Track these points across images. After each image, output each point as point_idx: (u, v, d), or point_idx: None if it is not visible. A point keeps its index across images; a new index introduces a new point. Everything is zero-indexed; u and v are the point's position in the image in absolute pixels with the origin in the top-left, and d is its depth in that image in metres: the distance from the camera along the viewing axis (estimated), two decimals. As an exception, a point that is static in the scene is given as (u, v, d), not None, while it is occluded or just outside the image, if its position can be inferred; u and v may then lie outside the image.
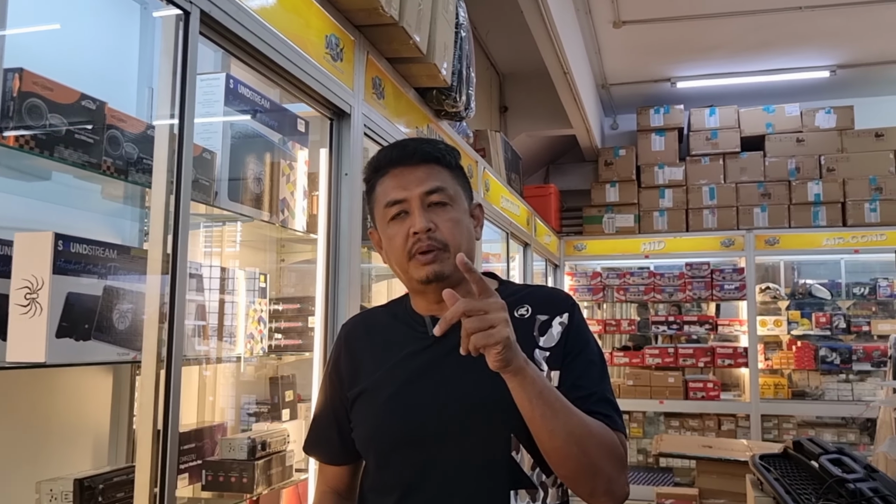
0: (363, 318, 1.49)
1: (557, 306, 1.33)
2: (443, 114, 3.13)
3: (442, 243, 1.27)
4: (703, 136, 7.11)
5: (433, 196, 1.29)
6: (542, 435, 1.14)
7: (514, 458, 1.23)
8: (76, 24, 1.95)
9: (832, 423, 6.40)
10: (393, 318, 1.40)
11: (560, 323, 1.30)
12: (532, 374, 1.12)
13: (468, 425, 1.23)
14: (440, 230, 1.27)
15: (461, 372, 1.25)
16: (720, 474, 4.07)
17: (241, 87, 2.05)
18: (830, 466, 2.14)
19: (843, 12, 5.60)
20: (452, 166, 1.35)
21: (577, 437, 1.14)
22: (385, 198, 1.31)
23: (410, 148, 1.33)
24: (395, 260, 1.31)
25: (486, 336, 1.05)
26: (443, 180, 1.31)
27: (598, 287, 6.98)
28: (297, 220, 2.35)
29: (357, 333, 1.42)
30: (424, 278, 1.27)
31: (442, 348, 1.28)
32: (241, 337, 2.19)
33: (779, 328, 6.61)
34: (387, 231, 1.31)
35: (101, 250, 1.59)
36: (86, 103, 1.55)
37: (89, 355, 1.56)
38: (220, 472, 2.03)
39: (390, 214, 1.30)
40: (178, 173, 1.56)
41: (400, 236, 1.28)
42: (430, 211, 1.28)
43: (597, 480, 1.17)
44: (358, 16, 2.31)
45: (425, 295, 1.33)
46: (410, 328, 1.35)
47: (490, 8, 4.85)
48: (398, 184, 1.30)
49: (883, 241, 6.34)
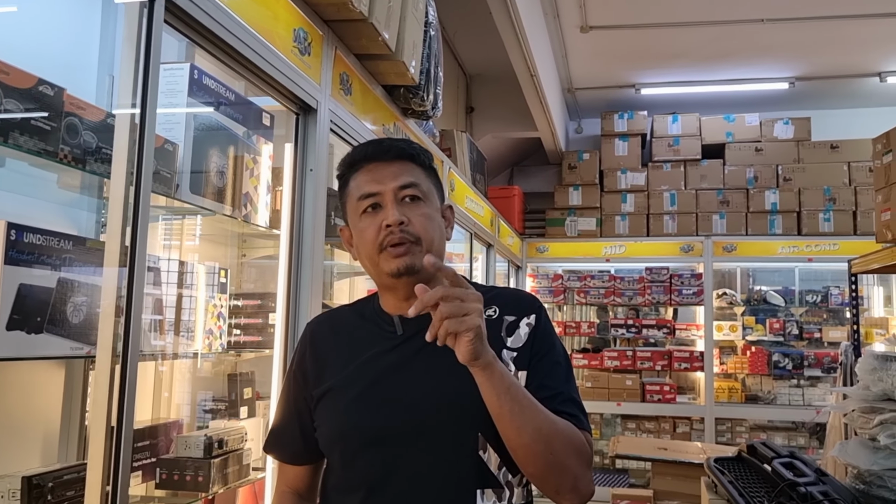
0: (329, 316, 1.47)
1: (525, 308, 1.33)
2: (410, 112, 3.12)
3: (414, 237, 1.26)
4: (666, 143, 7.22)
5: (407, 191, 1.29)
6: (510, 432, 1.14)
7: (482, 458, 1.23)
8: (34, 6, 1.89)
9: (783, 426, 6.54)
10: (360, 317, 1.39)
11: (528, 324, 1.30)
12: (500, 370, 1.12)
13: (435, 425, 1.22)
14: (413, 224, 1.26)
15: (428, 371, 1.25)
16: (675, 476, 4.13)
17: (206, 79, 2.01)
18: (783, 470, 2.18)
19: (803, 26, 5.73)
20: (426, 166, 1.35)
21: (545, 434, 1.14)
22: (358, 191, 1.30)
23: (386, 144, 1.33)
24: (365, 254, 1.30)
25: (459, 322, 1.05)
26: (416, 177, 1.31)
27: (559, 289, 7.03)
28: (259, 215, 2.31)
29: (323, 332, 1.40)
30: (395, 271, 1.26)
31: (409, 348, 1.28)
32: (200, 332, 2.15)
33: (734, 333, 6.74)
34: (358, 224, 1.30)
35: (55, 241, 1.54)
36: (43, 89, 1.50)
37: (41, 349, 1.51)
38: (175, 470, 1.99)
39: (363, 207, 1.29)
40: (138, 164, 1.52)
41: (372, 229, 1.27)
42: (402, 205, 1.28)
43: (563, 478, 1.17)
44: (327, 10, 2.28)
45: (395, 291, 1.32)
46: (378, 327, 1.34)
47: (459, 8, 4.85)
48: (372, 178, 1.29)
49: (836, 251, 6.49)
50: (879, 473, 2.23)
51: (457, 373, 1.11)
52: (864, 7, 5.38)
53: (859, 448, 2.35)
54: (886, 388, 2.28)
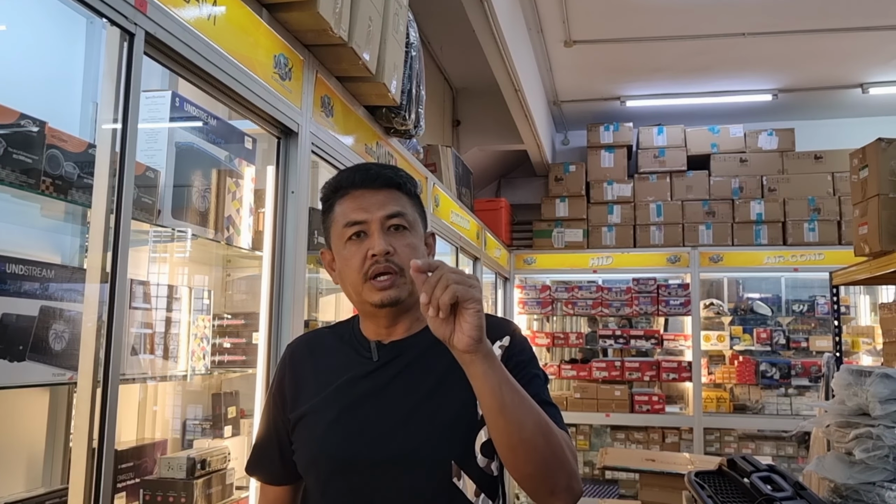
0: (307, 339, 1.48)
1: (498, 331, 1.34)
2: (392, 131, 3.16)
3: (399, 267, 1.27)
4: (651, 154, 7.28)
5: (393, 220, 1.30)
6: (512, 426, 1.11)
7: (456, 485, 1.23)
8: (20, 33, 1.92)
9: (772, 436, 6.57)
10: (338, 340, 1.39)
11: (500, 346, 1.31)
12: (498, 360, 1.12)
13: (408, 453, 1.22)
14: (398, 254, 1.28)
15: (404, 398, 1.26)
16: (662, 487, 4.16)
17: (188, 105, 2.05)
18: (761, 484, 2.21)
19: (784, 39, 5.80)
20: (412, 194, 1.37)
21: (543, 427, 1.13)
22: (344, 218, 1.31)
23: (373, 172, 1.34)
24: (349, 281, 1.31)
25: (467, 290, 1.06)
26: (403, 206, 1.33)
27: (547, 300, 7.06)
28: (242, 238, 2.34)
29: (301, 355, 1.42)
30: (379, 302, 1.27)
31: (385, 375, 1.29)
32: (184, 354, 2.17)
33: (722, 343, 6.78)
34: (342, 252, 1.31)
35: (37, 270, 1.57)
36: (25, 123, 1.53)
37: (23, 377, 1.54)
38: (159, 491, 2.01)
39: (348, 234, 1.30)
40: (118, 193, 1.55)
41: (357, 258, 1.28)
42: (388, 234, 1.29)
43: (560, 473, 1.15)
44: (307, 36, 2.32)
45: (376, 319, 1.33)
46: (356, 352, 1.35)
47: (444, 23, 4.90)
48: (359, 205, 1.30)
49: (821, 261, 6.54)
50: (855, 487, 2.26)
51: (431, 400, 1.12)
52: (843, 21, 5.46)
53: (836, 462, 2.39)
54: (861, 402, 2.32)
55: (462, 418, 1.24)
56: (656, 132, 7.31)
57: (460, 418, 1.24)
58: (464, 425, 1.24)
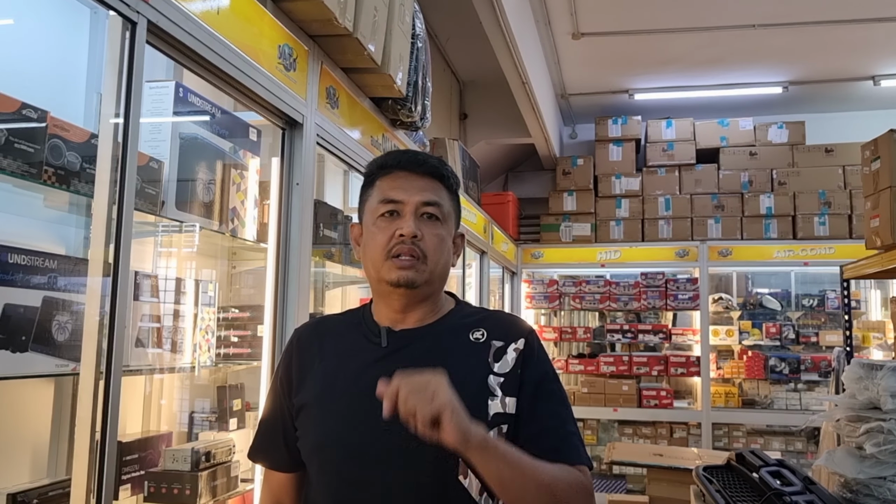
0: (316, 324, 1.46)
1: (513, 333, 1.32)
2: (398, 123, 3.14)
3: (423, 253, 1.28)
4: (660, 148, 7.23)
5: (429, 208, 1.31)
6: (513, 493, 1.14)
7: (462, 483, 1.22)
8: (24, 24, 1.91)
9: (781, 431, 6.53)
10: (347, 325, 1.38)
11: (515, 349, 1.29)
12: (493, 441, 1.12)
13: (414, 446, 1.18)
14: (425, 241, 1.28)
15: None
16: (670, 482, 4.13)
17: (192, 96, 2.03)
18: (770, 479, 2.19)
19: (794, 31, 5.74)
20: (452, 189, 1.37)
21: (547, 484, 1.14)
22: (382, 195, 1.32)
23: (421, 158, 1.35)
24: (370, 256, 1.31)
25: (427, 400, 1.06)
26: (441, 197, 1.33)
27: (554, 295, 7.03)
28: (247, 229, 2.33)
29: (309, 340, 1.40)
30: (395, 281, 1.27)
31: (393, 362, 1.25)
32: (189, 346, 2.17)
33: (731, 338, 6.74)
34: (371, 227, 1.32)
35: (40, 260, 1.56)
36: (27, 112, 1.52)
37: (27, 368, 1.53)
38: (163, 483, 2.01)
39: (382, 211, 1.31)
40: (121, 183, 1.54)
41: (384, 234, 1.29)
42: (420, 220, 1.30)
43: None
44: (312, 26, 2.30)
45: (389, 301, 1.32)
46: (365, 337, 1.33)
47: (451, 15, 4.87)
48: (399, 185, 1.31)
49: (831, 255, 6.48)
50: (866, 482, 2.24)
51: None
52: (855, 12, 5.40)
53: (846, 456, 2.36)
54: (872, 396, 2.29)
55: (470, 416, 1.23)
56: (665, 125, 7.26)
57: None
58: None
